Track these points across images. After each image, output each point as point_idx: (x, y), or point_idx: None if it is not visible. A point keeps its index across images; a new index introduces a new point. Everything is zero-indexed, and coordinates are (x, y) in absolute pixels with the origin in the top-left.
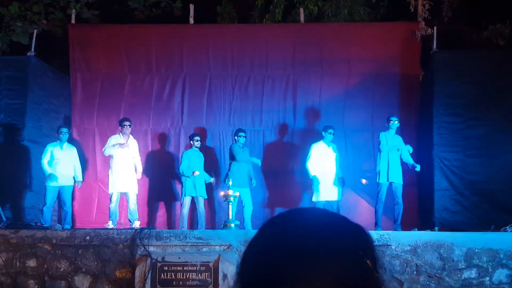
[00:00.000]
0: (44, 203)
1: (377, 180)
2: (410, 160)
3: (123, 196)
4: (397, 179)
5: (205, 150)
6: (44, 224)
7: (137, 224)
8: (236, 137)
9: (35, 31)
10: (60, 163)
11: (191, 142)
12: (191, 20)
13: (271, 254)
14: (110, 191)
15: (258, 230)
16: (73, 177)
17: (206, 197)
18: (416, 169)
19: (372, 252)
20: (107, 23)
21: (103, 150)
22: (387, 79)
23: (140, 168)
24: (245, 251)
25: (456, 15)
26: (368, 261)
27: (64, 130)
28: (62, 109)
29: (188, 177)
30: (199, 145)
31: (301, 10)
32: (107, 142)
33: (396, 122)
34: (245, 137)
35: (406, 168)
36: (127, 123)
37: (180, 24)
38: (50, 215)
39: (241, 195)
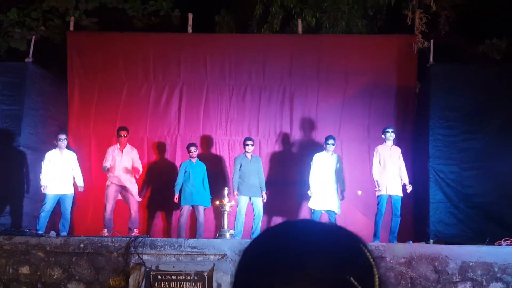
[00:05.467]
0: (43, 209)
1: (377, 193)
2: (405, 178)
3: (121, 204)
4: (396, 192)
5: (201, 159)
6: (39, 230)
7: (136, 232)
8: (244, 146)
9: (33, 37)
10: (59, 171)
11: (188, 153)
12: (189, 29)
13: (261, 265)
14: (106, 200)
15: (252, 241)
16: (72, 184)
17: (207, 205)
18: (407, 189)
19: (362, 268)
20: (106, 30)
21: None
22: (383, 91)
23: (139, 170)
24: (238, 262)
25: (453, 29)
26: (350, 277)
27: (63, 136)
28: (59, 116)
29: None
30: (194, 156)
31: (299, 21)
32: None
33: (392, 133)
34: (253, 145)
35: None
36: (122, 132)
37: (178, 33)
38: (46, 221)
39: (253, 204)
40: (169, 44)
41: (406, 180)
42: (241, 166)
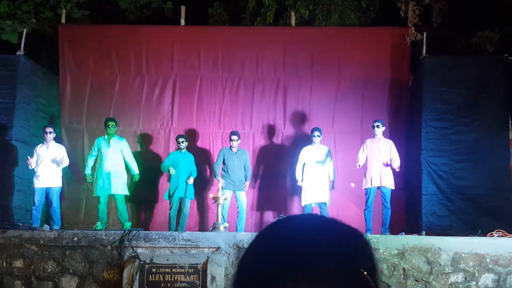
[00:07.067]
0: (33, 203)
1: (363, 186)
2: (394, 164)
3: (113, 198)
4: (384, 183)
5: (195, 152)
6: (32, 225)
7: (128, 225)
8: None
9: (25, 30)
10: (46, 163)
11: (177, 144)
12: (182, 22)
13: (264, 264)
14: (97, 194)
15: (253, 239)
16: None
17: (193, 198)
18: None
19: (370, 261)
20: (98, 23)
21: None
22: (376, 83)
23: (135, 167)
24: (240, 260)
25: (446, 21)
26: (364, 271)
27: (49, 129)
28: (50, 109)
29: (168, 173)
30: (182, 147)
31: (292, 13)
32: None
33: (378, 127)
34: (237, 140)
35: (394, 172)
36: (109, 123)
37: (171, 25)
38: (39, 215)
39: (237, 198)
40: (162, 37)
41: (395, 165)
42: (225, 159)
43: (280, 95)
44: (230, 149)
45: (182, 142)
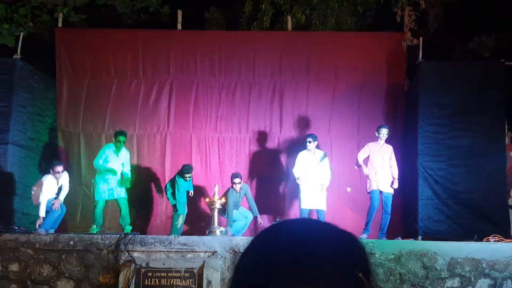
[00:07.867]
0: (51, 211)
1: (368, 189)
2: (395, 174)
3: (109, 202)
4: (387, 189)
5: (191, 158)
6: (45, 228)
7: (129, 229)
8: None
9: (22, 33)
10: (53, 193)
11: (183, 176)
12: (179, 26)
13: (261, 267)
14: (99, 198)
15: (249, 243)
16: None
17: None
18: (392, 185)
19: (365, 265)
20: (95, 27)
21: (95, 161)
22: (373, 88)
23: (128, 175)
24: (236, 264)
25: (442, 27)
26: (360, 274)
27: (60, 169)
28: (46, 113)
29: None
30: (187, 180)
31: (289, 18)
32: (100, 152)
33: (385, 131)
34: (240, 182)
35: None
36: (121, 138)
37: (167, 29)
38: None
39: (240, 210)
40: (159, 41)
41: (395, 175)
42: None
43: (276, 99)
44: (234, 190)
45: (189, 177)
